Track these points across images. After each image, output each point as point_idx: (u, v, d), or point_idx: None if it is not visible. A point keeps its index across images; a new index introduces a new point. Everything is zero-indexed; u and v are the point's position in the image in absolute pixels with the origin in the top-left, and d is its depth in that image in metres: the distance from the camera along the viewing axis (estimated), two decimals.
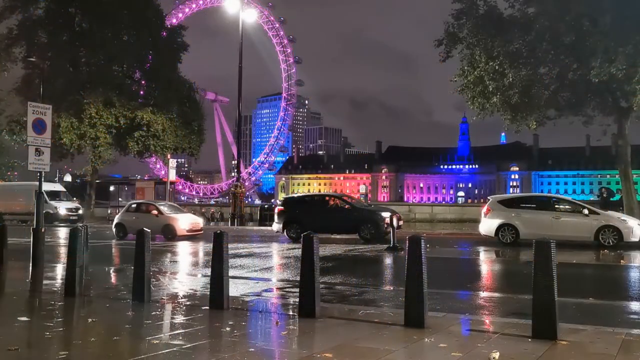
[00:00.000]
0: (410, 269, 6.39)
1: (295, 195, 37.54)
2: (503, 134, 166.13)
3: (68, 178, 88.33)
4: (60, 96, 34.94)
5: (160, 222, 22.57)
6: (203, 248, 19.01)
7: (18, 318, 7.19)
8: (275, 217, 22.30)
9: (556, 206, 18.42)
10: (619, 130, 24.00)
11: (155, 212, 23.21)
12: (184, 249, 19.21)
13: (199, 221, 24.58)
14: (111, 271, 13.16)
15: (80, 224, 19.84)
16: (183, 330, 6.42)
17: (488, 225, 18.54)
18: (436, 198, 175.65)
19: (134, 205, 24.73)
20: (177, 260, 15.94)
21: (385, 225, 19.15)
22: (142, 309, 7.77)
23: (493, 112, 24.24)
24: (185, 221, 22.92)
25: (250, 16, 42.69)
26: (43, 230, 13.03)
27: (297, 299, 7.22)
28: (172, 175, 36.63)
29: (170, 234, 22.32)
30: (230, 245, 8.71)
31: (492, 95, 22.95)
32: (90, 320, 7.17)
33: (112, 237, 24.22)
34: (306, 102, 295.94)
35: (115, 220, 23.80)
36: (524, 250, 15.67)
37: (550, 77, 23.37)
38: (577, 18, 20.72)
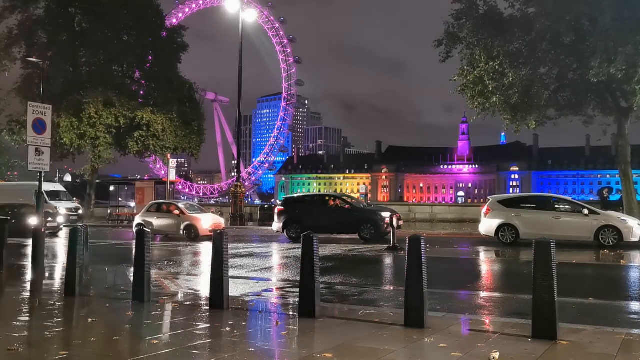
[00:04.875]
0: (410, 269, 6.39)
1: (295, 195, 37.57)
2: (503, 134, 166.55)
3: (68, 178, 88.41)
4: (60, 96, 34.96)
5: (182, 222, 22.38)
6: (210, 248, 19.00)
7: (18, 318, 7.20)
8: (275, 217, 22.29)
9: (556, 206, 18.42)
10: (619, 130, 24.01)
11: (177, 212, 22.91)
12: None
13: (221, 221, 24.35)
14: (111, 271, 13.15)
15: (80, 224, 19.79)
16: (183, 330, 6.41)
17: (488, 225, 18.53)
18: (436, 198, 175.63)
19: (154, 205, 24.43)
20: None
21: (385, 225, 19.14)
22: (142, 309, 7.77)
23: (494, 112, 24.25)
24: (207, 221, 22.57)
25: (250, 16, 42.66)
26: (43, 230, 13.03)
27: (297, 299, 7.22)
28: (172, 175, 36.62)
29: (192, 234, 22.04)
30: (230, 245, 8.72)
31: (492, 95, 22.95)
32: (90, 320, 7.16)
33: (113, 238, 24.30)
34: (306, 102, 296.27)
35: (137, 221, 23.47)
36: (524, 250, 15.66)
37: (550, 77, 23.40)
38: (577, 18, 20.72)
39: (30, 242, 20.24)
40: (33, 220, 24.18)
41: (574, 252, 14.95)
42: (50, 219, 25.24)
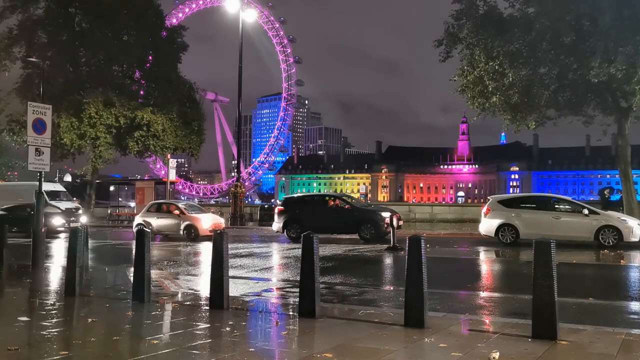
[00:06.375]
0: (410, 269, 6.39)
1: (295, 195, 37.56)
2: (503, 134, 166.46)
3: (68, 178, 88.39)
4: (60, 96, 34.91)
5: (182, 222, 22.40)
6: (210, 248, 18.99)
7: (18, 318, 7.19)
8: (275, 217, 22.29)
9: (556, 206, 18.41)
10: (619, 130, 24.01)
11: (177, 212, 22.92)
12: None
13: (221, 221, 24.35)
14: (111, 271, 13.15)
15: (80, 224, 19.79)
16: (183, 330, 6.41)
17: (488, 225, 18.53)
18: (436, 198, 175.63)
19: (154, 206, 24.44)
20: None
21: (385, 225, 19.14)
22: (142, 309, 7.78)
23: (494, 112, 24.25)
24: (207, 221, 22.58)
25: (250, 16, 42.65)
26: (43, 230, 13.03)
27: (297, 299, 7.23)
28: (172, 175, 36.63)
29: (192, 234, 22.06)
30: (230, 245, 8.73)
31: (492, 95, 22.94)
32: (90, 320, 7.16)
33: (113, 238, 24.29)
34: (306, 102, 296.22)
35: (137, 221, 23.51)
36: (524, 250, 15.66)
37: (550, 77, 23.39)
38: (577, 18, 20.72)
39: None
40: (57, 220, 24.64)
41: (574, 252, 14.95)
42: (73, 218, 25.62)
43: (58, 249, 18.29)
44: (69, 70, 38.77)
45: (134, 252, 8.83)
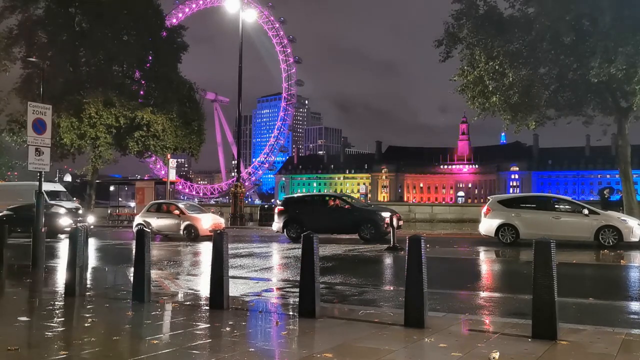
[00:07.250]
0: (410, 269, 6.39)
1: (295, 195, 37.55)
2: (503, 134, 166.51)
3: (68, 178, 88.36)
4: (60, 96, 34.89)
5: (182, 222, 22.44)
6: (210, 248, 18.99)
7: (18, 318, 7.19)
8: (275, 217, 22.29)
9: (556, 206, 18.42)
10: (619, 130, 24.01)
11: (177, 212, 22.96)
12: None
13: (221, 221, 24.38)
14: (111, 271, 13.16)
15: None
16: (183, 330, 6.41)
17: (488, 225, 18.53)
18: (436, 198, 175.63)
19: (154, 206, 24.49)
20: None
21: (385, 225, 19.14)
22: (142, 309, 7.77)
23: (493, 112, 24.25)
24: (207, 221, 22.63)
25: (250, 16, 42.68)
26: (43, 230, 13.03)
27: (297, 299, 7.22)
28: (172, 175, 36.64)
29: (192, 234, 22.10)
30: (230, 245, 8.73)
31: (492, 95, 22.95)
32: (90, 320, 7.17)
33: (113, 238, 24.28)
34: (306, 102, 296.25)
35: (137, 221, 23.54)
36: (524, 250, 15.66)
37: (550, 77, 23.39)
38: (577, 18, 20.74)
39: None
40: (64, 221, 24.62)
41: (574, 252, 14.94)
42: (80, 218, 25.64)
43: (64, 249, 18.28)
44: (69, 70, 38.74)
45: (134, 252, 8.83)
